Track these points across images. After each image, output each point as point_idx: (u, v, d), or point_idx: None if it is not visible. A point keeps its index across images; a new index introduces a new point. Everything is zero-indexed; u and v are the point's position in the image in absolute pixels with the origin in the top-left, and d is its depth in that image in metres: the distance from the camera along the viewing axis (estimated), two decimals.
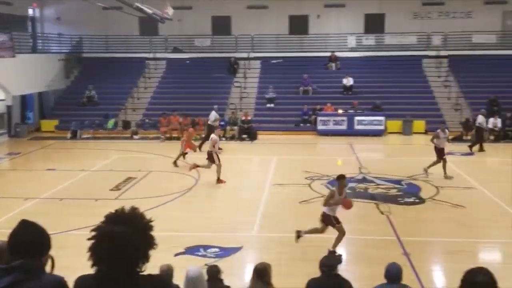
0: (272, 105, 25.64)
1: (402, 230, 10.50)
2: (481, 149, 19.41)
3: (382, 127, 23.13)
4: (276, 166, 17.23)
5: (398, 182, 14.57)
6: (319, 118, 23.53)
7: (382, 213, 11.76)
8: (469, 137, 21.66)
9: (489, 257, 9.76)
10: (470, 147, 19.47)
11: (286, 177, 15.28)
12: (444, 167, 14.96)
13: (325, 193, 13.30)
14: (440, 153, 15.18)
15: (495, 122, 21.86)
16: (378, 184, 14.45)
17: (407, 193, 13.49)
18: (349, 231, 10.83)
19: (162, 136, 22.76)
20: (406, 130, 23.13)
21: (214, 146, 14.71)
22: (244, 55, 28.70)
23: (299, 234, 9.59)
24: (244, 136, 22.79)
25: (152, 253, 2.43)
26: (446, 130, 15.90)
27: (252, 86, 27.17)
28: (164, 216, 11.35)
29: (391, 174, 15.40)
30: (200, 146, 19.15)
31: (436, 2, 28.60)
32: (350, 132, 22.85)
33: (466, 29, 27.81)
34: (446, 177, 14.78)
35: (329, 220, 9.40)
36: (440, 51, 27.78)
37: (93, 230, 2.39)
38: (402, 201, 12.77)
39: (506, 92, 24.17)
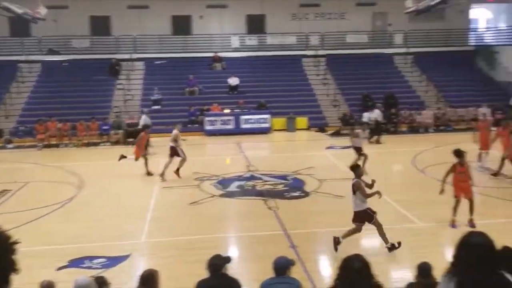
0: (158, 106, 25.21)
1: (289, 223, 10.85)
2: (378, 142, 20.54)
3: (267, 125, 23.79)
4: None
5: (284, 177, 15.06)
6: (206, 119, 23.60)
7: (269, 208, 12.07)
8: (346, 131, 22.97)
9: (369, 244, 10.42)
10: (369, 140, 20.24)
11: (175, 180, 15.11)
12: (364, 162, 15.05)
13: (215, 193, 13.45)
14: (359, 151, 15.48)
15: (369, 116, 23.36)
16: (266, 181, 14.81)
17: (293, 188, 13.98)
18: (237, 229, 11.03)
19: (39, 144, 21.41)
20: (290, 127, 24.01)
21: (176, 141, 15.22)
22: (126, 56, 27.93)
23: (337, 241, 9.17)
24: (130, 139, 22.09)
25: (28, 271, 2.25)
26: (366, 131, 16.49)
27: (136, 88, 26.52)
28: (44, 229, 10.69)
29: (277, 170, 15.87)
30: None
31: (312, 4, 29.99)
32: (238, 131, 23.23)
33: (340, 29, 29.52)
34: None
35: (367, 215, 9.07)
36: (318, 50, 29.19)
37: None
38: (288, 196, 13.21)
39: (377, 88, 26.01)
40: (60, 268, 8.58)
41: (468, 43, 31.21)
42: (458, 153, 10.43)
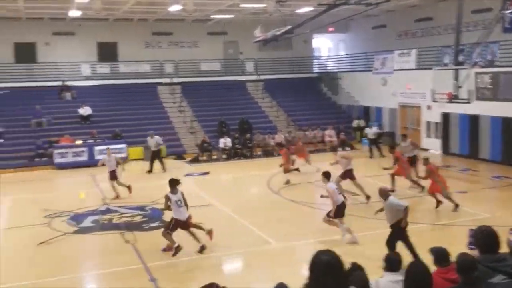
0: (1, 140, 23.20)
1: (148, 256, 10.65)
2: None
3: (124, 155, 23.13)
4: (9, 208, 15.65)
5: (142, 208, 14.77)
6: (55, 151, 22.26)
7: (127, 242, 11.74)
8: (205, 158, 23.34)
9: (232, 267, 10.66)
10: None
11: (21, 219, 13.99)
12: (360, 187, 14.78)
13: (67, 230, 12.72)
14: (351, 175, 14.86)
15: (225, 142, 24.04)
16: (123, 213, 14.39)
17: (152, 218, 13.77)
18: (94, 266, 10.55)
19: None
20: (147, 156, 23.62)
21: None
22: None
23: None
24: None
25: None
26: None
27: None
28: None
29: (135, 201, 15.51)
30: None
31: (165, 32, 30.19)
32: (92, 162, 22.18)
33: (194, 57, 30.08)
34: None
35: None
36: (173, 78, 29.35)
37: None
38: (147, 227, 12.99)
39: (231, 114, 26.86)
40: None
41: (312, 70, 33.81)
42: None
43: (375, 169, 17.61)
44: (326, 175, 11.33)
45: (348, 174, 14.76)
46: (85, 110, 25.36)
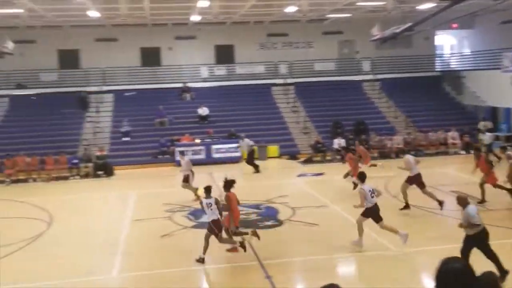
0: (128, 138, 24.97)
1: (263, 253, 10.74)
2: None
3: (238, 154, 23.76)
4: (135, 201, 16.73)
5: (256, 206, 14.98)
6: (176, 149, 23.41)
7: (243, 238, 11.93)
8: (318, 158, 23.15)
9: (344, 271, 10.40)
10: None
11: (146, 211, 14.87)
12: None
13: (187, 224, 13.29)
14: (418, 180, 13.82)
15: (339, 142, 23.66)
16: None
17: (266, 217, 13.91)
18: (212, 260, 10.85)
19: (7, 180, 20.87)
20: (261, 155, 24.04)
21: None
22: (95, 88, 27.71)
23: None
24: (100, 172, 21.78)
25: None
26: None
27: (106, 120, 26.28)
28: (10, 268, 10.31)
29: (250, 199, 15.77)
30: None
31: (280, 33, 30.50)
32: (209, 160, 23.11)
33: (308, 58, 30.03)
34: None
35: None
36: (286, 78, 29.56)
37: None
38: (261, 225, 13.13)
39: (346, 115, 26.39)
40: None
41: (434, 68, 32.09)
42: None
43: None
44: (361, 177, 11.05)
45: (415, 180, 13.62)
46: (203, 111, 26.43)
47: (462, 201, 8.82)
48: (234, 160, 23.52)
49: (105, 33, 28.65)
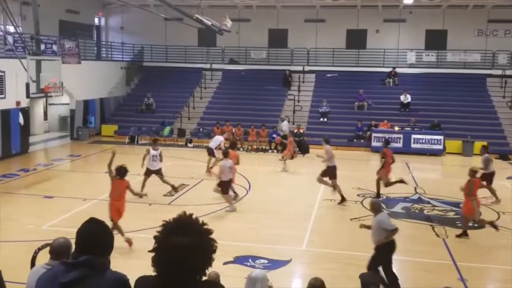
0: (325, 119, 25.39)
1: (458, 254, 10.04)
2: None
3: (440, 147, 22.39)
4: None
5: (456, 205, 13.97)
6: (373, 135, 23.07)
7: (438, 235, 11.31)
8: None
9: None
10: None
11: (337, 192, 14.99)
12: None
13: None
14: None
15: None
16: (435, 206, 13.95)
17: None
18: (402, 251, 10.48)
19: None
20: (467, 151, 22.27)
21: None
22: (299, 68, 28.66)
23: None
24: (296, 149, 22.57)
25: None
26: None
27: (306, 100, 27.04)
28: (213, 225, 11.37)
29: (448, 196, 14.80)
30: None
31: (503, 20, 27.58)
32: (406, 150, 22.23)
33: None
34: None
35: None
36: (506, 70, 26.69)
37: (155, 241, 2.35)
38: (460, 225, 12.22)
39: None
40: (226, 263, 9.06)
41: None
42: None
43: None
44: None
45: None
46: (406, 98, 25.44)
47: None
48: (434, 153, 22.22)
49: (313, 14, 29.33)
